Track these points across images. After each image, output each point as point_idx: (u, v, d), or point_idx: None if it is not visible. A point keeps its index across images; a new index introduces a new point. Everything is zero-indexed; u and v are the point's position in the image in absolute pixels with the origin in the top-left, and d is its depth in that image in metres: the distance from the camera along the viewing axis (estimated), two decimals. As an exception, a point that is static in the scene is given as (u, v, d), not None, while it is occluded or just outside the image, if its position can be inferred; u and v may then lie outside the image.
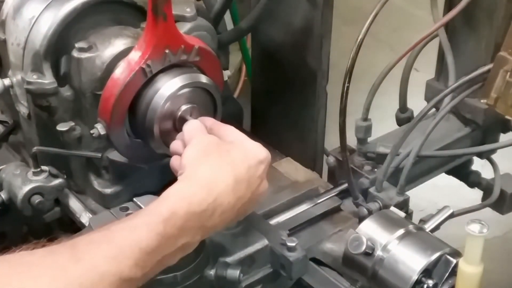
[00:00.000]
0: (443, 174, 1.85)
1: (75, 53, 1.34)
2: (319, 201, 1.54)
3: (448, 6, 1.69)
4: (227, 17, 1.81)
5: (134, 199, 1.24)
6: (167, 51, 1.29)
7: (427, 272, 1.03)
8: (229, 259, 1.23)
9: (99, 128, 1.32)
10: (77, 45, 1.34)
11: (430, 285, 1.02)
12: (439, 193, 2.32)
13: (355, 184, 1.54)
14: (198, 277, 1.19)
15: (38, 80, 1.35)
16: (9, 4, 1.43)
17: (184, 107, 1.32)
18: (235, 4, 2.05)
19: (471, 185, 1.91)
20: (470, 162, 1.91)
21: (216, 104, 1.38)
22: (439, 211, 1.32)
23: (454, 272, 1.04)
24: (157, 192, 1.33)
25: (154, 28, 1.26)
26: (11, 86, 1.44)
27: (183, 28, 1.41)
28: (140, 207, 1.21)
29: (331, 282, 1.35)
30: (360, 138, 1.66)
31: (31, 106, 1.42)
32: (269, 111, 1.85)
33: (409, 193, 1.56)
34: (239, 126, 1.94)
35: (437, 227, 1.29)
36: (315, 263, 1.39)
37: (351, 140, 1.62)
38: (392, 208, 1.22)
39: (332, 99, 1.66)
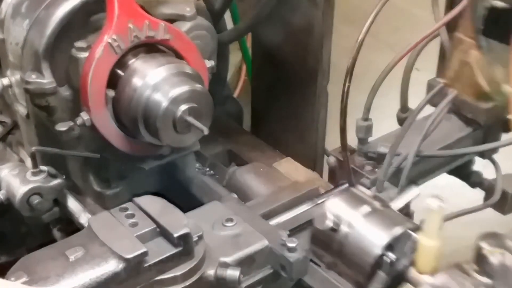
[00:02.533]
0: (445, 174, 1.85)
1: (74, 53, 1.34)
2: (319, 201, 1.53)
3: (449, 6, 1.68)
4: (227, 17, 1.81)
5: (134, 199, 1.24)
6: (131, 25, 1.30)
7: (390, 247, 1.05)
8: (229, 260, 1.22)
9: (82, 115, 1.32)
10: (76, 44, 1.34)
11: (393, 259, 1.04)
12: (440, 193, 2.32)
13: (356, 185, 1.54)
14: (198, 278, 1.18)
15: (37, 79, 1.34)
16: (8, 4, 1.42)
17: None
18: (235, 4, 2.05)
19: (473, 185, 1.90)
20: (471, 162, 1.90)
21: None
22: (407, 191, 1.31)
23: (416, 247, 1.05)
24: (157, 192, 1.33)
25: (112, 2, 1.27)
26: (10, 86, 1.43)
27: (183, 27, 1.41)
28: (140, 207, 1.20)
29: (331, 283, 1.34)
30: (361, 138, 1.65)
31: (29, 106, 1.41)
32: (269, 111, 1.84)
33: (410, 193, 1.56)
34: (239, 126, 1.94)
35: (404, 207, 1.28)
36: (315, 263, 1.39)
37: (352, 140, 1.61)
38: (360, 187, 1.23)
39: (333, 99, 1.65)
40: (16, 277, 1.06)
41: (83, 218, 1.42)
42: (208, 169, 1.66)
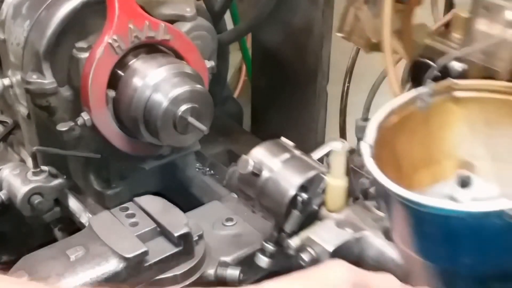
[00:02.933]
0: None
1: (75, 53, 1.34)
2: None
3: (449, 6, 1.69)
4: (227, 17, 1.81)
5: (134, 199, 1.24)
6: (131, 26, 1.30)
7: (304, 188, 1.12)
8: (229, 259, 1.23)
9: (83, 115, 1.33)
10: (77, 45, 1.34)
11: (306, 199, 1.12)
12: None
13: (355, 184, 1.54)
14: (198, 277, 1.19)
15: (37, 80, 1.34)
16: (9, 4, 1.43)
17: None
18: (235, 4, 2.05)
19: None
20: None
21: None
22: (326, 143, 1.35)
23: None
24: (157, 192, 1.33)
25: (113, 2, 1.28)
26: (11, 86, 1.44)
27: (183, 28, 1.41)
28: (141, 207, 1.20)
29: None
30: (361, 138, 1.65)
31: (30, 106, 1.41)
32: (269, 111, 1.85)
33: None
34: (239, 126, 1.94)
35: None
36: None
37: (352, 140, 1.61)
38: (283, 139, 1.28)
39: (332, 99, 1.66)
40: (17, 276, 1.06)
41: (84, 217, 1.43)
42: (208, 169, 1.66)
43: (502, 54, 0.94)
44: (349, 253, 1.04)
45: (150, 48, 1.36)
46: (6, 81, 1.43)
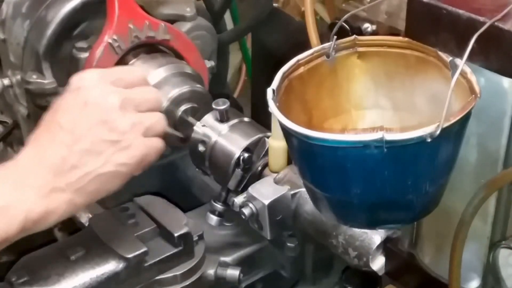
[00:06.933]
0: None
1: (75, 53, 1.34)
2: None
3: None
4: (227, 17, 1.81)
5: (134, 199, 1.24)
6: (131, 26, 1.30)
7: (248, 150, 1.21)
8: (229, 259, 1.23)
9: None
10: (77, 45, 1.34)
11: (246, 157, 1.20)
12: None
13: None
14: (198, 277, 1.19)
15: (37, 80, 1.34)
16: (9, 4, 1.43)
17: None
18: (235, 4, 2.05)
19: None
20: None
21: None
22: None
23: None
24: (157, 192, 1.34)
25: (113, 2, 1.28)
26: (11, 86, 1.44)
27: (183, 27, 1.41)
28: (141, 207, 1.20)
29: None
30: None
31: (30, 106, 1.41)
32: (269, 111, 1.84)
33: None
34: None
35: None
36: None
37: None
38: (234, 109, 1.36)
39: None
40: (17, 276, 1.06)
41: (84, 218, 1.42)
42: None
43: (402, 14, 1.01)
44: (286, 207, 1.12)
45: (150, 48, 1.36)
46: (6, 81, 1.43)
